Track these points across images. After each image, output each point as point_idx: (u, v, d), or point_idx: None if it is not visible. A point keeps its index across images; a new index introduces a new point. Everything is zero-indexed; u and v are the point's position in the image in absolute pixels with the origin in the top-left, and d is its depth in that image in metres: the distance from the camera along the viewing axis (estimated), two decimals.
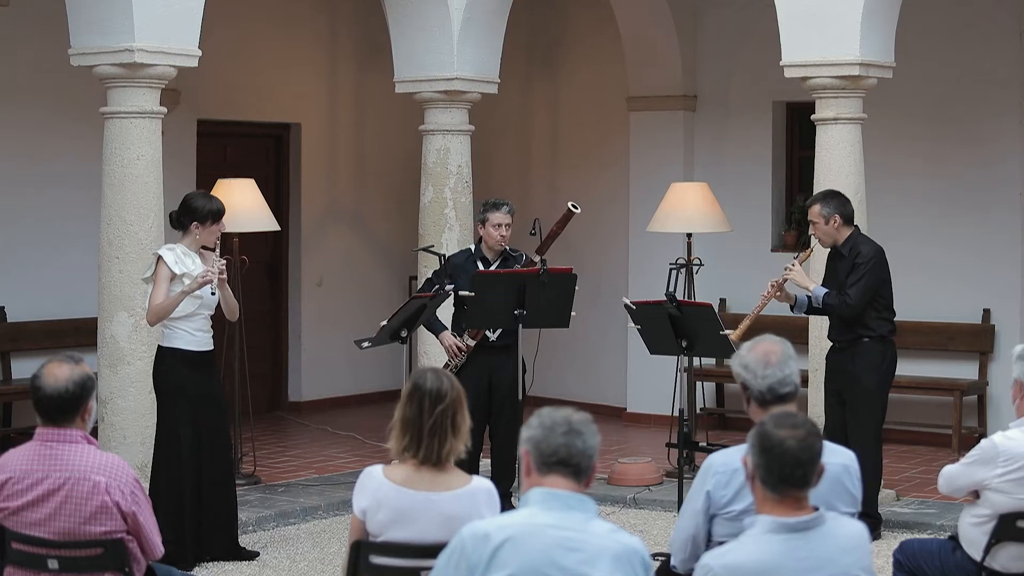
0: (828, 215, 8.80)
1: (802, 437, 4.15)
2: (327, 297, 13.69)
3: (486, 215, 9.21)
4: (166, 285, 8.08)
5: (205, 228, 8.22)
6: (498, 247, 9.19)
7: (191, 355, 8.21)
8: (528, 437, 4.07)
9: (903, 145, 12.00)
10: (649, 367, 11.99)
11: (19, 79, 11.27)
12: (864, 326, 8.81)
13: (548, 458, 4.02)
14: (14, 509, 5.09)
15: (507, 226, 9.18)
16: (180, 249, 8.20)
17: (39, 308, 11.38)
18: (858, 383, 8.81)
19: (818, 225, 8.85)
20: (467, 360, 9.16)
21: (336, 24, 13.80)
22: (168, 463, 8.20)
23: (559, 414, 4.06)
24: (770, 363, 4.85)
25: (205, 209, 8.22)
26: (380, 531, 4.83)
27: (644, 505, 9.98)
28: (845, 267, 8.81)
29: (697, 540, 5.01)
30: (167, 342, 8.24)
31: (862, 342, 8.83)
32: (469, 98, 10.79)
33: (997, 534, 5.95)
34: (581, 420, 4.06)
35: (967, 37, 11.82)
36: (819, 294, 8.82)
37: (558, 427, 4.04)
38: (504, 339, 9.18)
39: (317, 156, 13.67)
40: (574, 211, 9.26)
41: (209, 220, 8.22)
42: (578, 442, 4.03)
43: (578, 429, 4.04)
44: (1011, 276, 11.67)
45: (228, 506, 8.47)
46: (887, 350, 8.92)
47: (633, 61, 12.97)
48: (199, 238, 8.24)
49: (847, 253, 8.81)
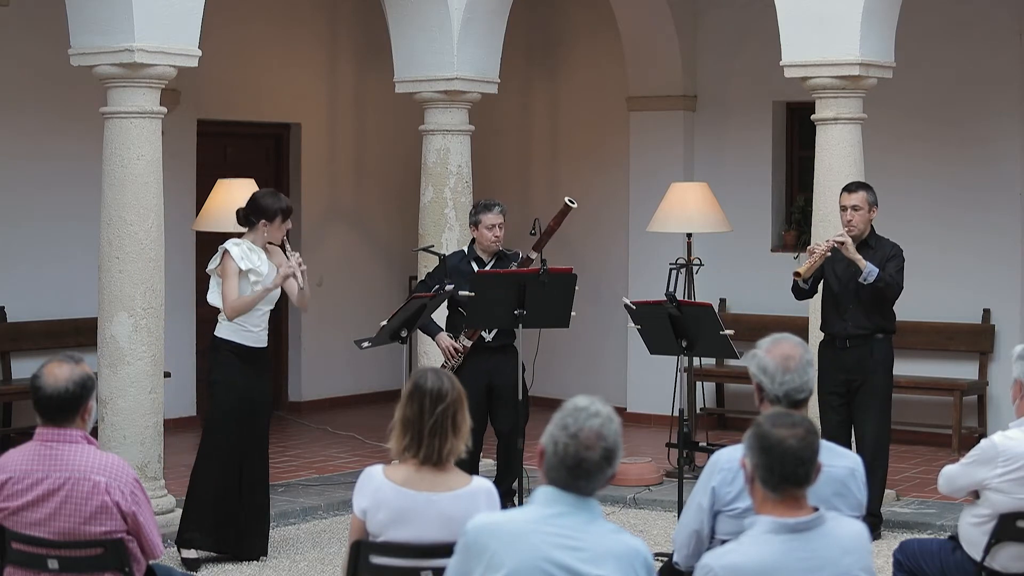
0: (872, 203, 8.88)
1: (801, 435, 4.14)
2: (327, 297, 13.68)
3: (478, 216, 9.22)
4: (235, 280, 8.26)
5: (273, 225, 8.36)
6: (492, 248, 9.18)
7: (245, 350, 8.36)
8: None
9: (903, 145, 12.00)
10: (649, 367, 11.99)
11: (19, 79, 11.27)
12: (885, 319, 8.87)
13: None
14: (14, 509, 5.09)
15: (500, 226, 9.17)
16: (246, 244, 8.35)
17: (39, 308, 11.38)
18: (879, 381, 8.84)
19: (861, 211, 8.84)
20: (464, 361, 9.15)
21: (336, 24, 13.80)
22: (213, 456, 8.33)
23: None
24: (789, 369, 4.82)
25: (274, 207, 8.37)
26: (380, 531, 4.82)
27: (644, 505, 9.98)
28: (875, 257, 8.83)
29: (700, 536, 5.00)
30: (223, 333, 8.36)
31: (877, 338, 8.86)
32: (469, 98, 10.79)
33: (997, 534, 5.95)
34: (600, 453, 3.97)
35: (967, 37, 11.83)
36: (872, 269, 8.76)
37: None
38: (500, 339, 9.19)
39: (317, 156, 13.67)
40: (571, 206, 9.24)
41: (279, 218, 8.37)
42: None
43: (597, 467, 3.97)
44: (1011, 276, 11.67)
45: (265, 506, 8.57)
46: (892, 347, 9.04)
47: (633, 61, 12.97)
48: (267, 235, 8.38)
49: (875, 246, 8.89)
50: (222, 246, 8.37)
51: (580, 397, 4.02)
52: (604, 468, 3.95)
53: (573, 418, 3.96)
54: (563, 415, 3.98)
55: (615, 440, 3.96)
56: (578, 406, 3.99)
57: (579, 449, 3.92)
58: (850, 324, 8.90)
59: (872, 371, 8.86)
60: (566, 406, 4.01)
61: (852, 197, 8.88)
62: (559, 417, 3.99)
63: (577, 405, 3.99)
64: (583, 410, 3.97)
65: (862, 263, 8.77)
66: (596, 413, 3.97)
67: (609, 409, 4.00)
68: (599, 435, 3.94)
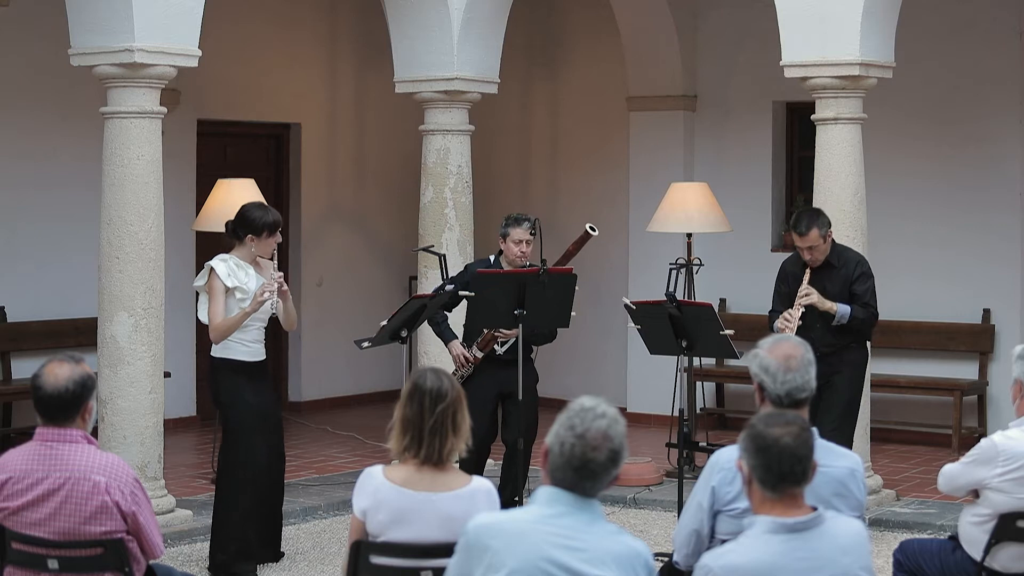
0: (825, 234, 8.58)
1: (796, 433, 4.14)
2: (327, 297, 13.69)
3: (507, 230, 9.05)
4: (222, 299, 7.99)
5: (261, 240, 8.10)
6: (517, 262, 9.05)
7: (245, 365, 8.13)
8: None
9: (903, 145, 12.00)
10: (649, 367, 11.99)
11: (19, 79, 11.27)
12: (855, 334, 8.72)
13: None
14: (14, 509, 5.09)
15: (527, 242, 9.01)
16: (233, 261, 8.08)
17: (39, 308, 11.38)
18: (844, 387, 8.66)
19: (817, 247, 8.55)
20: (475, 371, 9.06)
21: (336, 24, 13.80)
22: (244, 471, 8.11)
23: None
24: (791, 368, 4.81)
25: (261, 221, 8.09)
26: (380, 531, 4.83)
27: (644, 505, 9.98)
28: (839, 276, 8.63)
29: (700, 535, 5.00)
30: (221, 353, 8.12)
31: (850, 347, 8.73)
32: (469, 98, 10.79)
33: (997, 534, 5.95)
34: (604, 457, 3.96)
35: (967, 37, 11.83)
36: (845, 312, 8.55)
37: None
38: (512, 353, 9.03)
39: (317, 156, 13.67)
40: (592, 233, 9.13)
41: (265, 232, 8.10)
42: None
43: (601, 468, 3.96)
44: (1011, 276, 11.67)
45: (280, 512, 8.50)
46: (867, 354, 8.90)
47: (633, 61, 12.97)
48: (255, 250, 8.12)
49: (837, 263, 8.65)
50: (208, 263, 8.12)
51: (586, 397, 4.01)
52: (610, 469, 3.94)
53: (580, 418, 3.94)
54: (569, 415, 3.96)
55: (621, 441, 3.95)
56: (584, 407, 3.97)
57: (585, 450, 3.91)
58: (818, 342, 8.62)
59: (846, 378, 8.67)
60: (572, 406, 3.99)
61: (805, 240, 8.55)
62: (565, 417, 3.97)
63: (584, 406, 3.97)
64: (590, 411, 3.96)
65: (832, 309, 8.56)
66: (603, 414, 3.95)
67: (615, 410, 3.98)
68: (606, 436, 3.93)
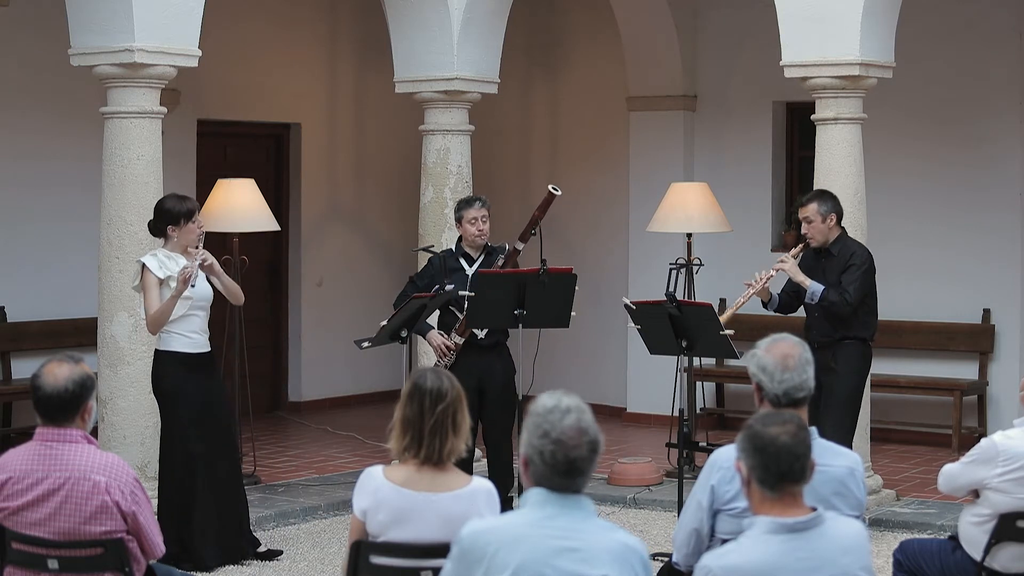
0: (825, 213, 8.73)
1: (793, 432, 4.15)
2: (327, 297, 13.69)
3: (461, 212, 9.16)
4: (156, 292, 7.98)
5: (181, 229, 8.08)
6: (476, 242, 9.13)
7: (188, 357, 8.12)
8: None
9: (903, 145, 12.00)
10: (649, 367, 11.99)
11: (19, 79, 11.27)
12: (850, 327, 8.74)
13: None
14: (14, 509, 5.09)
15: (483, 219, 9.09)
16: (163, 253, 8.07)
17: (39, 308, 11.38)
18: (839, 384, 8.68)
19: (814, 223, 8.72)
20: (456, 360, 9.08)
21: (336, 24, 13.80)
22: (175, 466, 8.12)
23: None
24: (788, 367, 4.82)
25: (176, 210, 8.09)
26: (380, 531, 4.82)
27: (644, 505, 9.98)
28: (836, 266, 8.72)
29: (700, 535, 5.00)
30: (163, 345, 8.15)
31: (844, 343, 8.76)
32: (469, 98, 10.79)
33: (997, 534, 5.95)
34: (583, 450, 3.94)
35: (967, 37, 11.83)
36: (816, 289, 8.66)
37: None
38: (492, 337, 9.13)
39: (317, 156, 13.67)
40: (555, 194, 9.15)
41: (183, 220, 8.08)
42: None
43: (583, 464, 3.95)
44: (1011, 276, 11.67)
45: (239, 507, 8.41)
46: (867, 352, 8.88)
47: (633, 61, 12.97)
48: (178, 240, 8.10)
49: (837, 253, 8.73)
50: (139, 259, 8.13)
51: (544, 397, 3.96)
52: (593, 460, 3.94)
53: (549, 422, 3.91)
54: (536, 421, 3.92)
55: (595, 430, 3.94)
56: (547, 407, 3.93)
57: (567, 452, 3.90)
58: (815, 332, 8.79)
59: (840, 374, 8.68)
60: (534, 410, 3.93)
61: (803, 210, 8.75)
62: (533, 425, 3.92)
63: (546, 406, 3.94)
64: (555, 410, 3.93)
65: (805, 283, 8.67)
66: (567, 409, 3.93)
67: (576, 399, 3.94)
68: (580, 431, 3.92)
